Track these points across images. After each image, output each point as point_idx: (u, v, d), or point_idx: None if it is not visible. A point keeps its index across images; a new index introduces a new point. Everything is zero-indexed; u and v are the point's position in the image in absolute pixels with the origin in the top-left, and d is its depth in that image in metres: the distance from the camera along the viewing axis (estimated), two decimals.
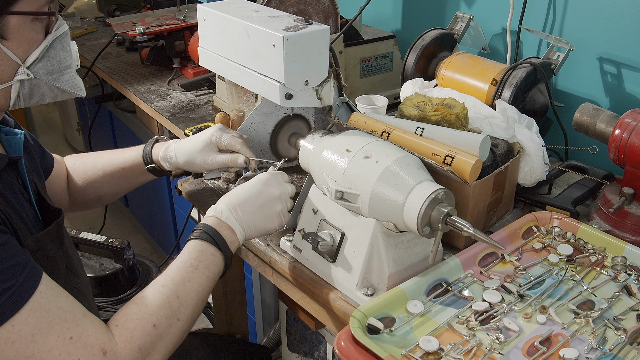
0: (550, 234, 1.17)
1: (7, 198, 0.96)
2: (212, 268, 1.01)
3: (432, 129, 1.15)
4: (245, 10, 1.17)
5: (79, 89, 1.04)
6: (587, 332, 0.94)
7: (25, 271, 0.86)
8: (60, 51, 0.99)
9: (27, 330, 0.84)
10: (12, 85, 0.95)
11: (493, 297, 1.00)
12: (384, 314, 0.95)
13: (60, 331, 0.86)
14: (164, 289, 0.96)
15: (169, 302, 0.94)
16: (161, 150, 1.28)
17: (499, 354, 0.89)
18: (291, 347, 1.80)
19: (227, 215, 1.05)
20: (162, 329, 0.93)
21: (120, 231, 3.24)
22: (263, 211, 1.07)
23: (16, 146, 1.06)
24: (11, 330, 0.83)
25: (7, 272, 0.84)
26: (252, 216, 1.07)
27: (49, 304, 0.86)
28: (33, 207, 1.04)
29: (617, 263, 1.08)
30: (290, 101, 1.10)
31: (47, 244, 1.00)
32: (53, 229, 1.02)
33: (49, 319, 0.85)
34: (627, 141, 1.18)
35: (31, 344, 0.84)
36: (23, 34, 0.93)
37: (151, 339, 0.91)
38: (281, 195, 1.10)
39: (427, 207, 0.93)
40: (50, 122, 4.47)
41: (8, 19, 0.90)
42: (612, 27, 1.51)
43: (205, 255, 1.01)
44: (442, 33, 1.67)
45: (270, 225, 1.09)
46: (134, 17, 2.34)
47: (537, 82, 1.49)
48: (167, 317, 0.93)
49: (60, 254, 1.04)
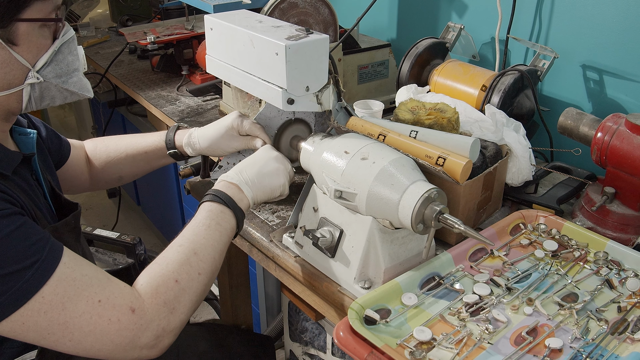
0: (537, 230, 1.17)
1: (25, 190, 0.96)
2: (224, 224, 1.02)
3: (426, 132, 1.15)
4: (250, 21, 1.17)
5: (86, 90, 1.04)
6: (571, 323, 0.94)
7: (48, 246, 0.86)
8: (67, 55, 0.99)
9: (57, 299, 0.84)
10: (24, 89, 0.95)
11: (483, 290, 1.00)
12: (380, 305, 0.95)
13: (88, 296, 0.86)
14: (181, 248, 0.96)
15: (187, 259, 0.95)
16: (185, 137, 1.29)
17: (488, 343, 0.89)
18: (293, 337, 1.80)
19: (233, 176, 1.08)
20: (184, 283, 0.93)
21: (132, 228, 3.24)
22: (265, 169, 1.11)
23: (29, 145, 1.06)
24: (42, 301, 0.83)
25: (30, 248, 0.84)
26: (258, 176, 1.10)
27: (74, 273, 0.87)
28: (48, 201, 1.05)
29: (599, 258, 1.08)
30: (292, 106, 1.10)
31: (65, 234, 1.00)
32: (70, 220, 1.02)
33: (76, 287, 0.86)
34: (608, 143, 1.18)
35: (62, 311, 0.84)
36: (32, 39, 0.93)
37: (175, 293, 0.91)
38: (279, 154, 1.14)
39: (420, 205, 0.93)
40: (66, 125, 4.46)
41: (17, 26, 0.90)
42: (594, 37, 1.51)
43: (215, 214, 1.02)
44: (435, 42, 1.67)
45: (275, 182, 1.11)
46: (145, 27, 2.34)
47: (524, 88, 1.49)
48: (187, 273, 0.94)
49: (77, 245, 1.04)
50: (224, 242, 1.02)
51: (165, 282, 0.91)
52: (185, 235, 0.99)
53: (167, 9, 2.58)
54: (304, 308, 1.60)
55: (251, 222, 1.26)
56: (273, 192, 1.12)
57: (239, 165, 1.12)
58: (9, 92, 0.94)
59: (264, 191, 1.10)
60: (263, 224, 1.25)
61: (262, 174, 1.10)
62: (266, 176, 1.11)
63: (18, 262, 0.83)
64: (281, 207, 1.31)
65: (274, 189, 1.12)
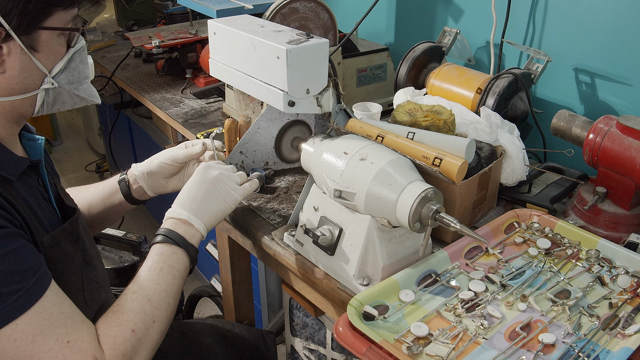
0: (530, 229, 1.17)
1: (26, 199, 0.95)
2: (177, 265, 1.00)
3: (422, 133, 1.15)
4: (252, 25, 1.17)
5: (95, 97, 1.05)
6: (564, 319, 0.94)
7: (36, 276, 0.85)
8: (79, 63, 1.00)
9: (29, 330, 0.82)
10: (39, 94, 0.96)
11: (478, 286, 1.00)
12: (379, 302, 0.95)
13: (59, 334, 0.84)
14: (135, 295, 0.95)
15: (142, 307, 0.93)
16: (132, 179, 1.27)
17: (483, 338, 0.89)
18: (293, 332, 1.80)
19: (180, 212, 1.05)
20: (140, 333, 0.91)
21: (138, 226, 3.24)
22: (211, 194, 1.07)
23: (37, 150, 1.06)
24: (14, 329, 0.82)
25: (19, 275, 0.83)
26: (203, 202, 1.06)
27: (52, 308, 0.85)
28: (52, 206, 1.04)
29: (591, 256, 1.08)
30: (292, 108, 1.10)
31: (62, 240, 0.99)
32: (67, 226, 1.01)
33: (50, 322, 0.84)
34: (600, 145, 1.18)
35: (31, 343, 0.82)
36: (51, 47, 0.94)
37: (132, 344, 0.90)
38: (221, 174, 1.09)
39: (417, 204, 0.93)
40: (73, 127, 4.46)
41: (40, 34, 0.91)
42: (586, 41, 1.51)
43: (167, 256, 1.00)
44: (432, 46, 1.67)
45: (223, 205, 1.08)
46: (150, 31, 2.34)
47: (518, 91, 1.49)
48: (143, 322, 0.92)
49: (75, 249, 1.03)
50: (177, 285, 1.00)
51: (122, 333, 0.90)
52: (138, 281, 0.97)
53: (172, 14, 2.57)
54: (304, 304, 1.60)
55: (253, 221, 1.26)
56: (225, 212, 1.09)
57: (181, 196, 1.08)
58: (24, 96, 0.95)
59: (215, 216, 1.07)
60: (265, 223, 1.25)
61: (207, 201, 1.07)
62: (212, 201, 1.07)
63: (2, 286, 0.81)
64: (282, 206, 1.31)
65: (225, 211, 1.09)
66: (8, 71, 0.91)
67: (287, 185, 1.39)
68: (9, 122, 0.97)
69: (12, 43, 0.89)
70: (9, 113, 0.95)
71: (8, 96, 0.93)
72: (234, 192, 1.10)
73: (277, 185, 1.39)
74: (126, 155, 3.01)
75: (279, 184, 1.40)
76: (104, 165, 3.72)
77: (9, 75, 0.91)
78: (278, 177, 1.42)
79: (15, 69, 0.91)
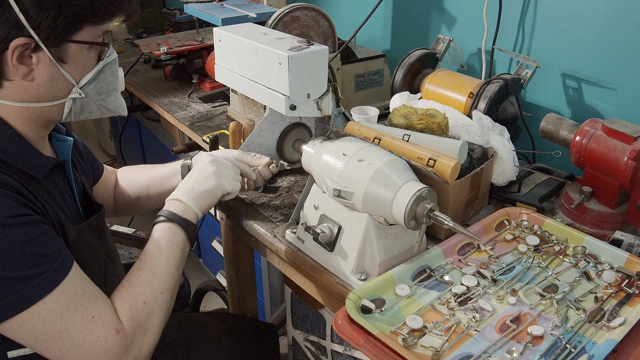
0: (520, 226, 1.17)
1: (53, 195, 0.96)
2: (174, 239, 1.03)
3: (417, 135, 1.15)
4: (255, 33, 1.17)
5: (122, 109, 1.05)
6: (552, 312, 0.94)
7: (59, 259, 0.86)
8: (109, 75, 1.00)
9: (57, 308, 0.84)
10: (66, 102, 0.96)
11: (470, 281, 1.00)
12: (376, 296, 0.95)
13: (84, 311, 0.86)
14: (140, 271, 0.97)
15: (149, 280, 0.96)
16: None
17: (475, 330, 0.89)
18: (295, 325, 1.80)
19: (175, 193, 1.09)
20: (151, 304, 0.94)
21: (147, 224, 3.24)
22: (200, 176, 1.11)
23: (65, 151, 1.07)
24: (43, 307, 0.83)
25: (44, 258, 0.84)
26: (195, 184, 1.10)
27: (76, 287, 0.87)
28: (76, 203, 1.05)
29: (578, 252, 1.08)
30: (294, 111, 1.10)
31: (88, 234, 1.00)
32: (93, 221, 1.02)
33: (76, 300, 0.86)
34: (586, 146, 1.18)
35: (60, 320, 0.84)
36: (79, 59, 0.94)
37: (145, 314, 0.92)
38: (213, 160, 1.14)
39: (413, 203, 0.93)
40: (85, 129, 4.46)
41: (68, 46, 0.91)
42: (573, 48, 1.51)
43: (164, 232, 1.03)
44: (426, 52, 1.67)
45: (208, 184, 1.11)
46: (158, 38, 2.34)
47: (508, 95, 1.49)
48: (152, 293, 0.95)
49: (100, 243, 1.04)
50: (177, 256, 1.02)
51: (136, 305, 0.92)
52: (142, 259, 1.00)
53: (179, 22, 2.58)
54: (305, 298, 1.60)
55: (256, 219, 1.26)
56: (212, 193, 1.11)
57: (182, 182, 1.13)
58: (52, 104, 0.95)
59: (203, 196, 1.10)
60: (267, 221, 1.25)
61: (198, 181, 1.11)
62: (202, 182, 1.11)
63: (29, 269, 0.82)
64: (284, 205, 1.31)
65: (211, 191, 1.11)
66: (37, 80, 0.91)
67: (289, 185, 1.39)
68: (38, 126, 0.98)
69: (41, 54, 0.89)
70: (38, 118, 0.96)
71: (37, 102, 0.94)
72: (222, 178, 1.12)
73: (279, 185, 1.39)
74: (136, 156, 3.01)
75: (280, 183, 1.40)
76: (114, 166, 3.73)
77: (37, 84, 0.92)
78: (280, 177, 1.42)
79: (44, 78, 0.91)
